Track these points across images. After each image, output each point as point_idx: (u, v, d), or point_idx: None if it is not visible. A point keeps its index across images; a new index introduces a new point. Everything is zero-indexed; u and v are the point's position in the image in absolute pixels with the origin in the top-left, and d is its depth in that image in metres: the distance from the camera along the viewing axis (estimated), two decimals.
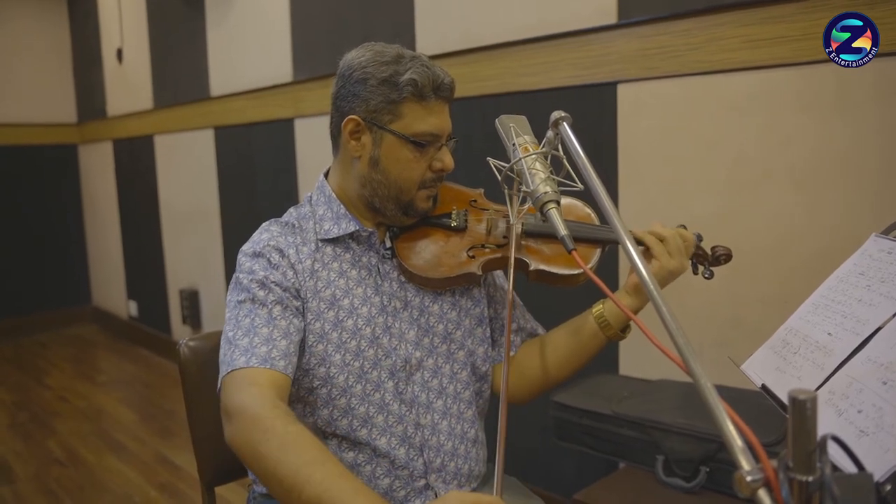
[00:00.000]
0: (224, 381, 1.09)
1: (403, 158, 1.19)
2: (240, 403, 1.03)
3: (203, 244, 4.12)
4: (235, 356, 1.09)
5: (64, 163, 5.53)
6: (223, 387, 1.09)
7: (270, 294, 1.15)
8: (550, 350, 1.31)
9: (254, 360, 1.07)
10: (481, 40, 2.38)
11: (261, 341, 1.09)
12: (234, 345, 1.10)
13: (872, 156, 1.61)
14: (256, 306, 1.14)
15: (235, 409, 1.03)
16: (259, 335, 1.10)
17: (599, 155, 2.11)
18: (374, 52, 1.19)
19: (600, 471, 2.04)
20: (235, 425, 1.02)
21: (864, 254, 1.08)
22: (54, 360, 4.79)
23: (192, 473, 2.90)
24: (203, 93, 3.92)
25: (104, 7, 4.86)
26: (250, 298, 1.14)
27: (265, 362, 1.07)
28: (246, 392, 1.05)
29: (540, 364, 1.32)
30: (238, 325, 1.13)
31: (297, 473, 0.94)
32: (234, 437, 1.02)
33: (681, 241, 1.24)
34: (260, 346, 1.09)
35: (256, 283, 1.15)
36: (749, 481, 0.56)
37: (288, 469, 0.95)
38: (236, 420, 1.02)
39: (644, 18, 1.95)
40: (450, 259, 1.26)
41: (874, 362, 0.89)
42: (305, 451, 0.97)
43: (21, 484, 2.95)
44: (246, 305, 1.14)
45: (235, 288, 1.18)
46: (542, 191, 0.96)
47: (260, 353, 1.08)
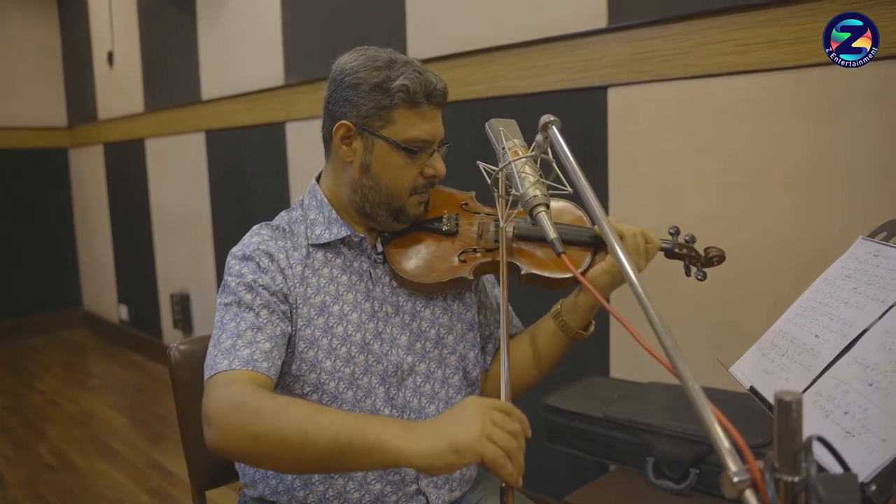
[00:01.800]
0: (206, 384, 1.07)
1: (395, 164, 1.19)
2: (220, 401, 1.02)
3: (194, 248, 4.11)
4: (218, 360, 1.08)
5: (54, 166, 5.50)
6: (205, 391, 1.07)
7: (257, 297, 1.14)
8: (516, 353, 1.31)
9: (236, 362, 1.07)
10: (472, 44, 2.38)
11: (244, 344, 1.09)
12: (217, 348, 1.10)
13: (864, 159, 1.62)
14: (242, 310, 1.13)
15: (217, 408, 1.01)
16: (243, 338, 1.10)
17: (590, 158, 2.12)
18: (366, 57, 1.19)
19: (591, 473, 2.04)
20: (220, 422, 0.99)
21: (851, 256, 1.09)
22: (45, 365, 4.77)
23: (184, 478, 2.89)
24: (194, 96, 3.91)
25: (95, 10, 4.85)
26: (236, 301, 1.14)
27: (247, 364, 1.07)
28: (225, 391, 1.03)
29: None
30: (223, 328, 1.12)
31: (304, 428, 0.94)
32: (223, 434, 0.99)
33: (641, 241, 1.22)
34: (243, 349, 1.08)
35: (244, 287, 1.15)
36: (736, 482, 0.57)
37: (293, 429, 0.94)
38: (221, 416, 1.00)
39: (634, 22, 1.96)
40: (441, 264, 1.26)
41: (860, 364, 0.90)
42: (301, 408, 0.98)
43: (11, 489, 2.93)
44: (232, 309, 1.14)
45: (223, 290, 1.18)
46: (532, 194, 0.96)
47: (242, 356, 1.07)
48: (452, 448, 0.88)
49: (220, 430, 0.99)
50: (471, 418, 0.90)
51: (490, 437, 0.88)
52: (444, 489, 1.24)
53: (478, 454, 0.88)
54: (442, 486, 1.23)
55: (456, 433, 0.89)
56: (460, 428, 0.89)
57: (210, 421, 1.01)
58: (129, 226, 4.85)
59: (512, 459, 0.89)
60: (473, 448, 0.88)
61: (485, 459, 0.88)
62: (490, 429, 0.89)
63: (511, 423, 0.92)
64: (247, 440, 0.97)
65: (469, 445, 0.88)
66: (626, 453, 1.56)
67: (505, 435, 0.90)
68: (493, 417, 0.91)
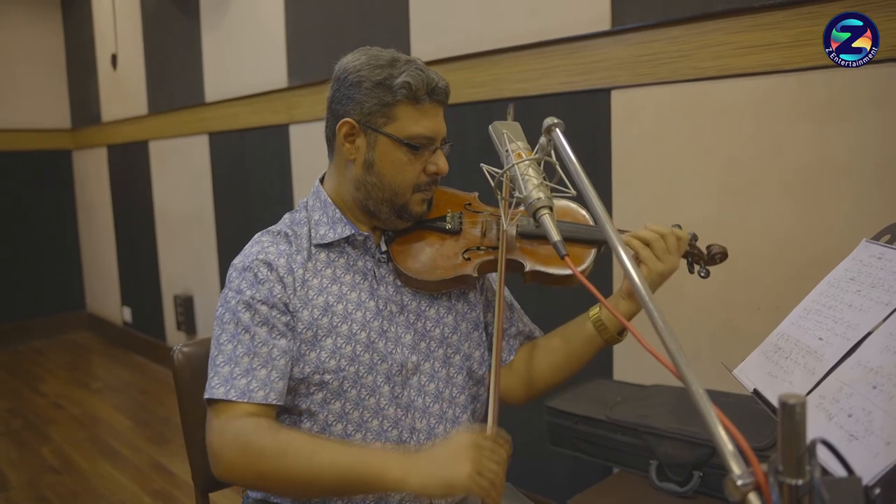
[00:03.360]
0: (208, 409, 1.15)
1: (398, 161, 1.20)
2: (224, 438, 1.10)
3: (197, 250, 4.11)
4: (215, 384, 1.13)
5: (58, 168, 5.52)
6: (207, 418, 1.15)
7: (256, 315, 1.16)
8: (547, 353, 1.32)
9: (232, 392, 1.12)
10: (475, 46, 2.39)
11: (241, 372, 1.13)
12: (215, 370, 1.15)
13: (865, 162, 1.62)
14: (240, 331, 1.15)
15: (221, 445, 1.10)
16: (240, 365, 1.13)
17: (593, 161, 2.12)
18: (369, 56, 1.20)
19: (594, 476, 2.04)
20: (225, 462, 1.09)
21: (855, 259, 1.08)
22: (49, 367, 4.77)
23: (187, 480, 2.89)
24: (198, 98, 3.92)
25: (99, 13, 4.86)
26: (234, 321, 1.16)
27: (243, 395, 1.12)
28: (227, 426, 1.10)
29: (537, 367, 1.32)
30: (220, 349, 1.16)
31: (308, 468, 1.04)
32: (231, 472, 1.09)
33: (673, 241, 1.22)
34: (239, 379, 1.12)
35: (242, 305, 1.16)
36: (739, 485, 0.57)
37: (297, 470, 1.05)
38: (225, 456, 1.09)
39: (636, 25, 1.96)
40: (445, 262, 1.26)
41: (864, 367, 0.90)
42: (303, 448, 1.06)
43: (14, 492, 2.94)
44: (229, 329, 1.16)
45: (223, 305, 1.19)
46: (535, 196, 0.97)
47: (239, 387, 1.12)
48: (446, 483, 0.98)
49: (226, 468, 1.09)
50: (463, 453, 0.99)
51: (480, 473, 0.98)
52: None
53: (468, 489, 0.98)
54: None
55: (449, 470, 0.98)
56: (453, 463, 0.99)
57: (215, 456, 1.10)
58: (133, 228, 4.85)
59: (496, 487, 0.99)
60: (465, 485, 0.97)
61: (473, 493, 0.98)
62: (480, 464, 0.98)
63: (499, 452, 1.01)
64: (253, 478, 1.09)
65: (461, 482, 0.97)
66: (629, 456, 1.56)
67: (493, 466, 0.99)
68: (482, 452, 1.00)
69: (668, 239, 1.22)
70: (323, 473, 1.03)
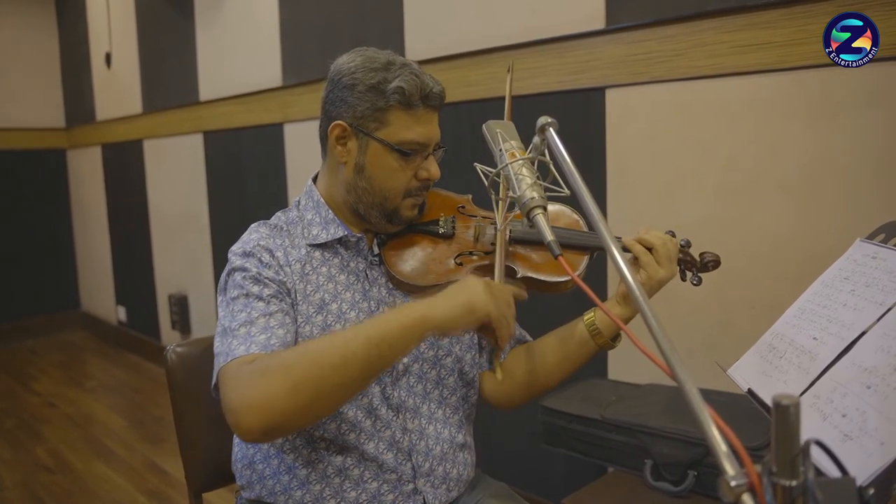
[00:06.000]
0: (221, 373, 1.04)
1: (388, 166, 1.20)
2: (251, 384, 0.98)
3: (192, 249, 4.10)
4: (234, 346, 1.05)
5: (53, 167, 5.49)
6: (221, 381, 1.03)
7: (266, 288, 1.13)
8: (539, 357, 1.31)
9: (254, 347, 1.05)
10: (470, 45, 2.38)
11: (258, 331, 1.07)
12: (231, 335, 1.07)
13: (861, 161, 1.62)
14: (251, 299, 1.12)
15: (248, 386, 0.98)
16: (256, 325, 1.08)
17: (588, 160, 2.11)
18: (364, 58, 1.20)
19: (589, 475, 2.04)
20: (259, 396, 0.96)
21: (850, 259, 1.08)
22: (42, 366, 4.76)
23: (181, 479, 2.88)
24: (192, 97, 3.91)
25: (93, 11, 4.85)
26: (244, 294, 1.12)
27: (265, 348, 1.05)
28: (245, 369, 1.00)
29: (529, 370, 1.31)
30: (233, 317, 1.10)
31: (335, 348, 0.99)
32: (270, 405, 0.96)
33: (674, 248, 1.23)
34: (258, 335, 1.07)
35: (250, 280, 1.14)
36: (733, 486, 0.56)
37: (327, 356, 0.98)
38: (256, 390, 0.97)
39: (631, 24, 1.96)
40: (437, 266, 1.26)
41: (858, 367, 0.89)
42: (319, 340, 1.05)
43: (8, 491, 2.93)
44: (240, 301, 1.12)
45: (226, 287, 1.16)
46: (529, 196, 0.96)
47: (259, 341, 1.06)
48: (467, 308, 1.04)
49: (261, 403, 0.96)
50: (477, 283, 1.07)
51: (496, 297, 1.06)
52: (442, 489, 1.24)
53: (487, 312, 1.04)
54: (439, 486, 1.23)
55: (469, 297, 1.05)
56: (470, 291, 1.06)
57: (245, 403, 0.97)
58: (127, 227, 4.84)
59: (507, 320, 1.08)
60: (485, 307, 1.04)
61: (492, 317, 1.05)
62: (494, 293, 1.07)
63: (508, 292, 1.11)
64: (289, 395, 0.96)
65: (481, 305, 1.04)
66: (623, 455, 1.56)
67: (505, 297, 1.09)
68: (493, 287, 1.08)
69: (669, 245, 1.22)
70: (351, 347, 0.98)
